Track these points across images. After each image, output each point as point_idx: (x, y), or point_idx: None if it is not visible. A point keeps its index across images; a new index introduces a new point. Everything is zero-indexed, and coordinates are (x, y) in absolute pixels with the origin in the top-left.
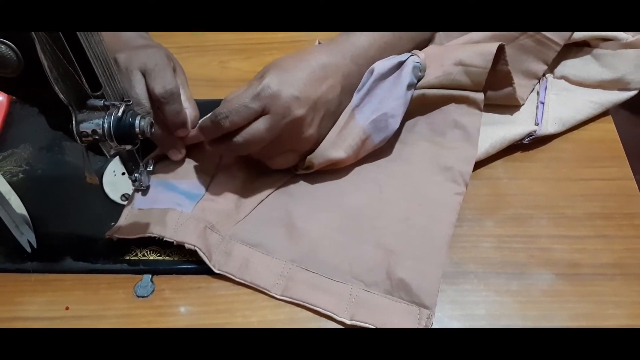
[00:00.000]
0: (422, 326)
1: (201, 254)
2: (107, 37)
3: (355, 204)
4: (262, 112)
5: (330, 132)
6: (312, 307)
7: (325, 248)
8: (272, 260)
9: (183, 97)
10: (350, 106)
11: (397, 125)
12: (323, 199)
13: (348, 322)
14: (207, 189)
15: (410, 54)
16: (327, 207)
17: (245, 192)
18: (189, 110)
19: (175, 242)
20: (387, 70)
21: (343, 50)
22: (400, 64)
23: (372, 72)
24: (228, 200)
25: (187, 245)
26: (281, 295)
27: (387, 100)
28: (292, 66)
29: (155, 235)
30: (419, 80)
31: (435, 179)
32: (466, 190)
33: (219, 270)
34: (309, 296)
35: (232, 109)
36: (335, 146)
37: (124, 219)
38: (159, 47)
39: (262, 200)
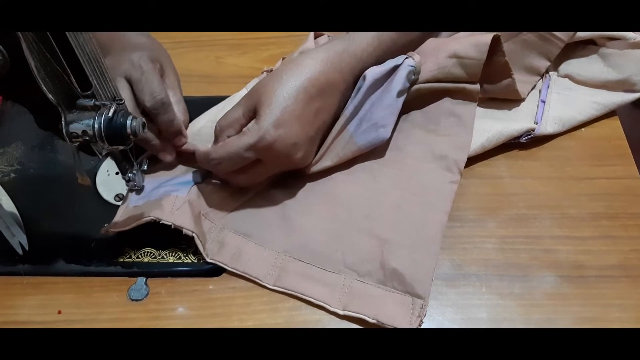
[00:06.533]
0: (415, 316)
1: (197, 242)
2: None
3: (349, 193)
4: (257, 159)
5: (322, 148)
6: (305, 297)
7: (318, 238)
8: (264, 250)
9: (173, 100)
10: (341, 120)
11: (387, 135)
12: (317, 189)
13: (341, 312)
14: (202, 179)
15: (405, 56)
16: (321, 197)
17: None
18: (178, 115)
19: (172, 226)
20: (381, 77)
21: (342, 64)
22: (395, 68)
23: (364, 78)
24: (223, 187)
25: (185, 231)
26: (273, 285)
27: (376, 109)
28: (287, 98)
29: (153, 218)
30: (412, 84)
31: (429, 167)
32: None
33: (211, 259)
34: (301, 286)
35: (225, 156)
36: (325, 158)
37: (119, 217)
38: (143, 49)
39: (257, 191)
